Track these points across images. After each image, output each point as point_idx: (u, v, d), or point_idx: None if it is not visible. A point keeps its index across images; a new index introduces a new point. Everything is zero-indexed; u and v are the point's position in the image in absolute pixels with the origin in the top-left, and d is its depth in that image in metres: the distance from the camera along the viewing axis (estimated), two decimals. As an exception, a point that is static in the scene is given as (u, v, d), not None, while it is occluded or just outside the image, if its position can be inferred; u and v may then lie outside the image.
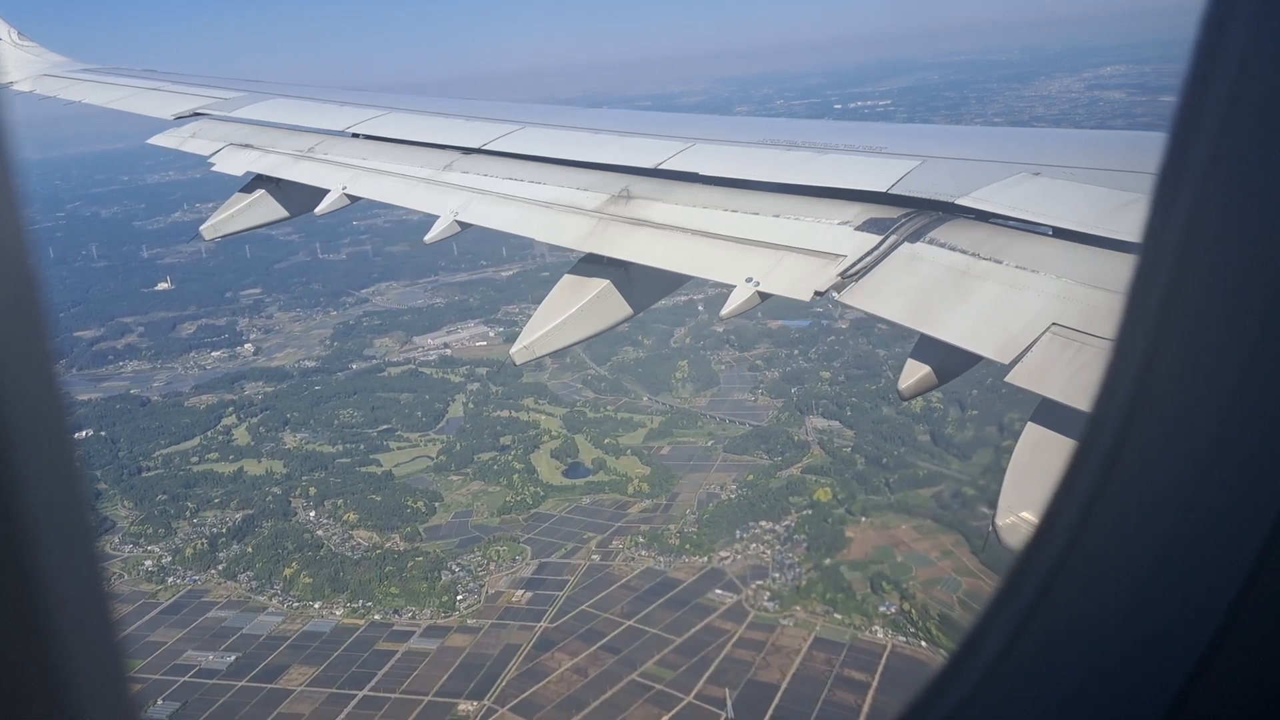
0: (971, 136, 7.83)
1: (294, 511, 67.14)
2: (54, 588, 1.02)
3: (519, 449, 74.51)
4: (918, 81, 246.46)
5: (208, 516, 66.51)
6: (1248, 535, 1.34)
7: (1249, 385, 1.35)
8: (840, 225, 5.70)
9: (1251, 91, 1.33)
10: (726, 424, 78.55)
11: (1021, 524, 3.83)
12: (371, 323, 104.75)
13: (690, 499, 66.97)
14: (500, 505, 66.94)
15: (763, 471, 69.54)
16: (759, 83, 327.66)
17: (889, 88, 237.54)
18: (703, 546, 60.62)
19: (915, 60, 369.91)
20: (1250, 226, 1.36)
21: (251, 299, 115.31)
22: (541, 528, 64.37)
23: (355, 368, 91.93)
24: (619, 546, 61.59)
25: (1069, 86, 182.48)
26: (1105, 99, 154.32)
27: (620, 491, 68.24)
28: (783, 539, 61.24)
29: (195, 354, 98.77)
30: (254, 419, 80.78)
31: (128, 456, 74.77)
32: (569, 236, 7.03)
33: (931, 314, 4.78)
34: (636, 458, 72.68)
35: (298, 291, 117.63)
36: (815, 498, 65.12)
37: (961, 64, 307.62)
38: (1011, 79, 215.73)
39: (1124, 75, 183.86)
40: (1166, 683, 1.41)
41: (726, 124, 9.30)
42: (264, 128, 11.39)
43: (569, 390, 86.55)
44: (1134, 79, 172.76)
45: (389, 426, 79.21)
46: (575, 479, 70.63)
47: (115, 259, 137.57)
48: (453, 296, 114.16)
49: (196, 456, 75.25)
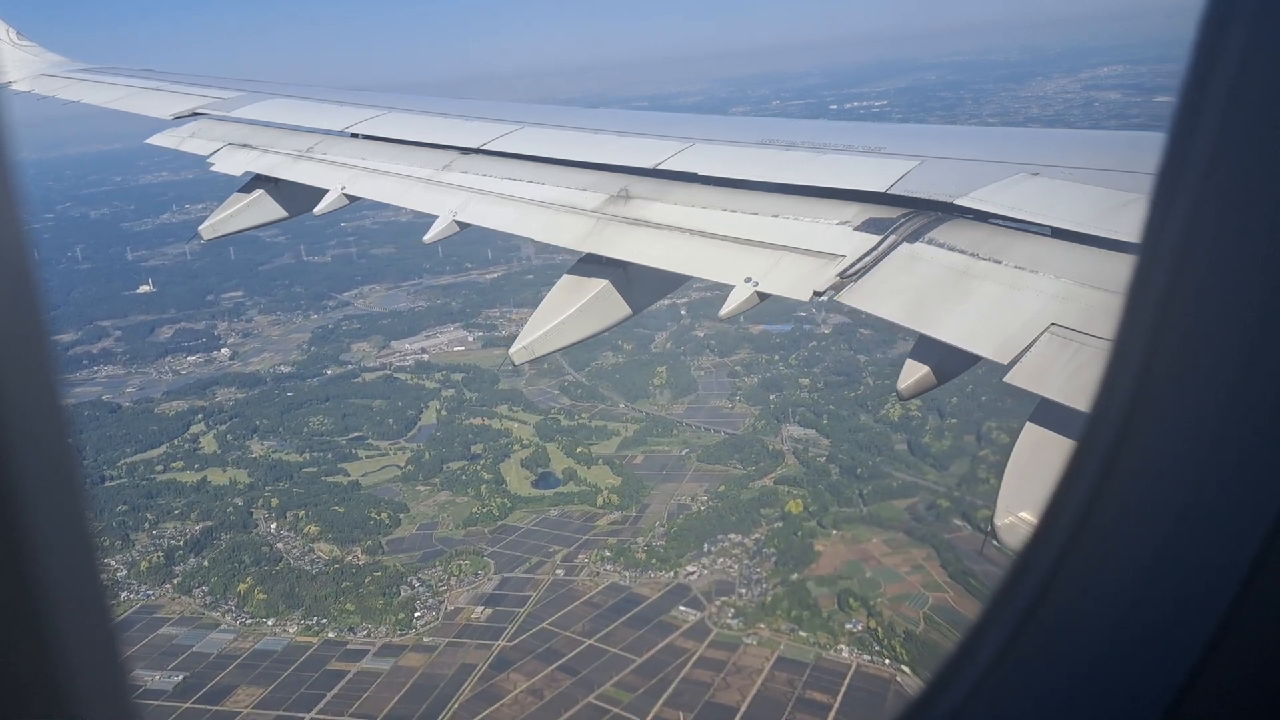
0: (970, 137, 7.68)
1: (255, 523, 65.25)
2: (54, 589, 1.02)
3: (489, 458, 72.64)
4: (915, 82, 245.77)
5: (167, 528, 64.64)
6: (1247, 534, 1.34)
7: (1248, 384, 1.35)
8: (839, 225, 5.64)
9: (1251, 91, 1.33)
10: (702, 432, 76.71)
11: (1020, 524, 3.78)
12: (350, 327, 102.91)
13: (661, 510, 65.13)
14: (466, 517, 65.07)
15: (736, 482, 67.72)
16: (757, 83, 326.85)
17: (886, 88, 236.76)
18: (669, 561, 58.75)
19: (914, 60, 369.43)
20: (1250, 226, 1.36)
21: (233, 302, 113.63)
22: (507, 540, 62.51)
23: (330, 373, 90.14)
24: (584, 561, 59.72)
25: (1065, 87, 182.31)
26: (1100, 100, 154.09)
27: (589, 503, 66.37)
28: (751, 553, 59.40)
29: (171, 358, 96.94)
30: (222, 426, 78.93)
31: (92, 465, 72.92)
32: (568, 237, 6.95)
33: (930, 314, 4.71)
34: (608, 467, 70.84)
35: (279, 294, 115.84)
36: (786, 509, 63.27)
37: (960, 64, 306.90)
38: (1008, 79, 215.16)
39: (1121, 76, 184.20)
40: (1166, 682, 1.42)
41: (725, 124, 9.13)
42: (263, 127, 11.28)
43: (545, 397, 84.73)
44: (1130, 79, 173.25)
45: (359, 434, 77.42)
46: (545, 489, 68.76)
47: (100, 261, 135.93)
48: (435, 300, 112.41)
49: (161, 465, 73.44)
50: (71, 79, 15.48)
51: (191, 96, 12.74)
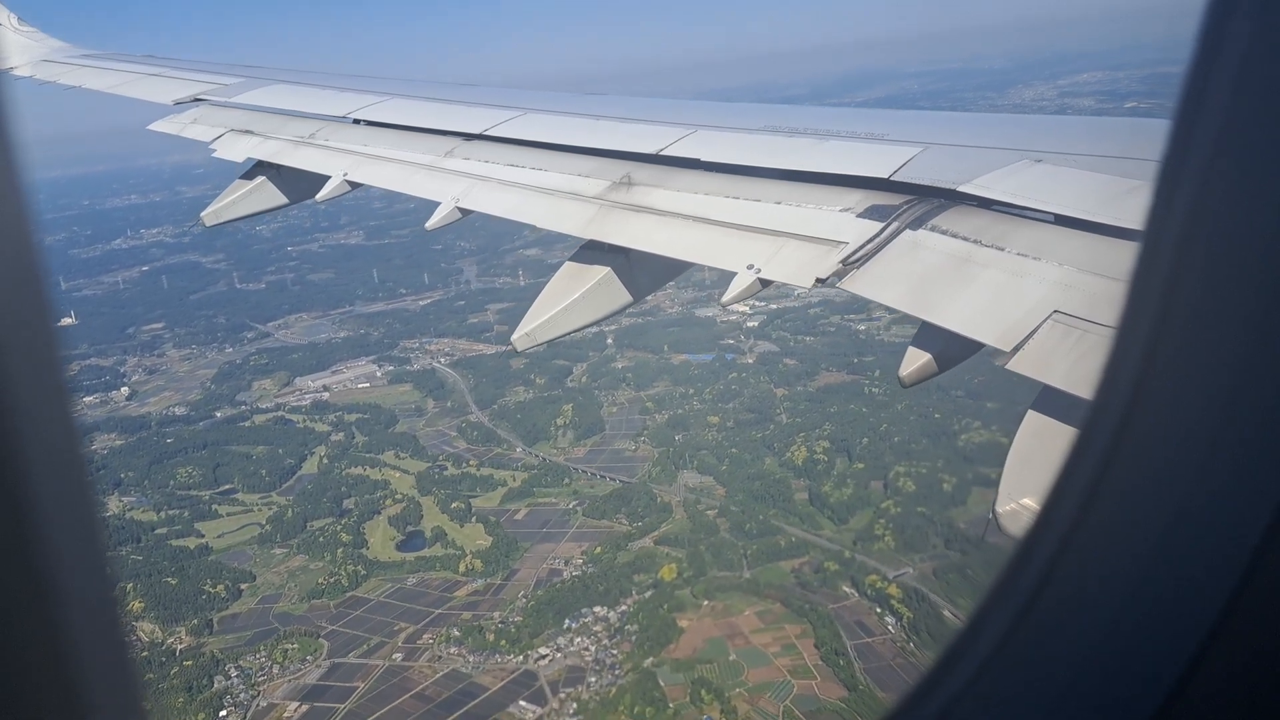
0: (972, 123, 7.12)
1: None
2: (62, 589, 1.00)
3: (357, 514, 65.20)
4: (898, 91, 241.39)
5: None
6: (1248, 524, 1.33)
7: (1252, 373, 1.34)
8: (842, 212, 5.51)
9: (1255, 79, 1.31)
10: (596, 480, 69.20)
11: (1022, 511, 3.69)
12: (259, 362, 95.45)
13: (529, 576, 57.63)
14: (313, 587, 57.59)
15: (617, 541, 60.22)
16: (739, 94, 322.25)
17: (866, 98, 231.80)
18: (521, 642, 51.10)
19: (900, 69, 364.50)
20: (1254, 213, 1.34)
21: (151, 334, 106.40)
22: (351, 616, 54.92)
23: (220, 415, 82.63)
24: (428, 642, 52.15)
25: (1043, 94, 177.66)
26: (1073, 106, 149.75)
27: (452, 569, 58.85)
28: (613, 630, 51.78)
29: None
30: (86, 480, 71.60)
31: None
32: (570, 223, 6.79)
33: (933, 301, 4.59)
34: (483, 525, 63.35)
35: (200, 325, 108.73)
36: (660, 576, 55.70)
37: (945, 72, 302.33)
38: (989, 87, 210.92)
39: (1099, 82, 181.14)
40: (1162, 676, 1.40)
41: (728, 110, 8.63)
42: (265, 113, 10.95)
43: (440, 440, 77.26)
44: (1107, 85, 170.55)
45: (229, 487, 69.91)
46: (408, 552, 61.16)
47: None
48: (359, 329, 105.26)
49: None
50: (73, 64, 14.98)
51: (193, 82, 12.39)
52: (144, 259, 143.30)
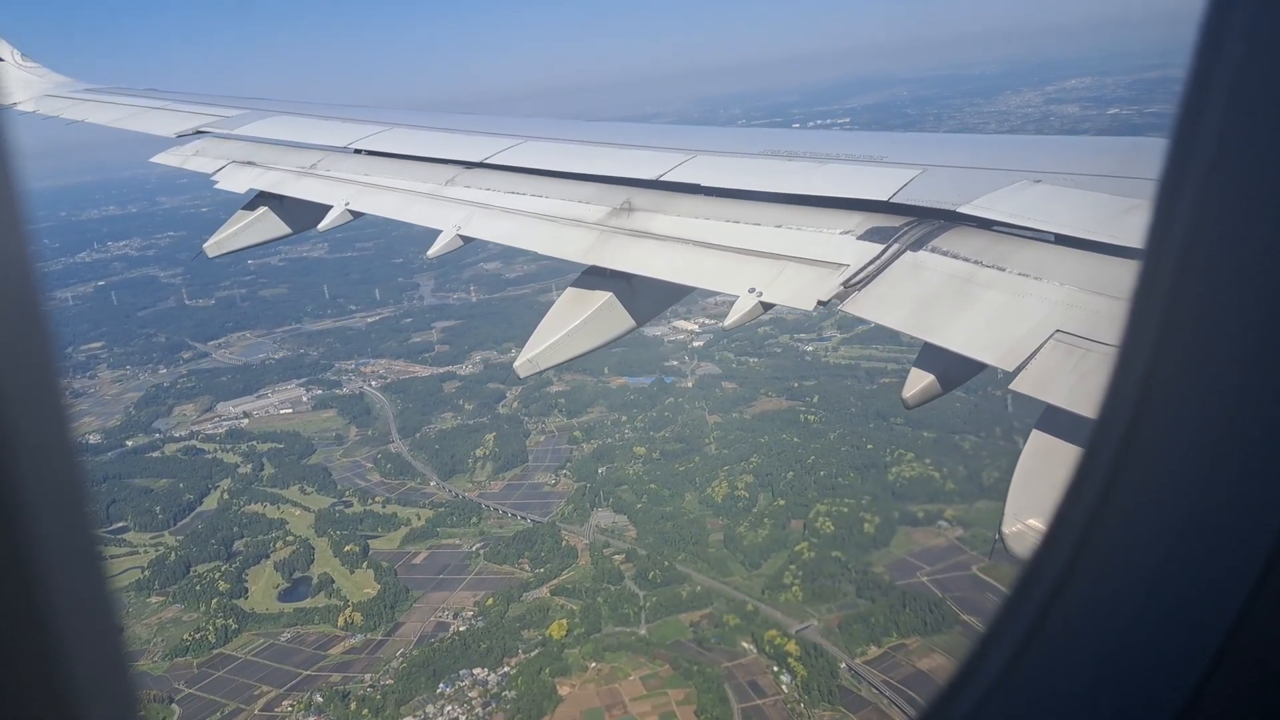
0: (971, 144, 7.38)
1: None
2: (55, 590, 1.00)
3: (243, 558, 59.97)
4: (887, 98, 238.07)
5: None
6: (1255, 540, 1.31)
7: (1254, 388, 1.32)
8: (842, 235, 5.38)
9: (1253, 93, 1.29)
10: (505, 519, 63.90)
11: (1028, 531, 3.60)
12: (186, 385, 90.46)
13: (413, 631, 52.32)
14: (180, 643, 52.34)
15: (514, 589, 54.91)
16: (732, 102, 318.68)
17: (854, 105, 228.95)
18: (385, 712, 45.82)
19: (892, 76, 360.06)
20: (1254, 229, 1.32)
21: (88, 355, 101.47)
22: (213, 678, 49.60)
23: (130, 444, 77.64)
24: (286, 710, 46.89)
25: (1029, 101, 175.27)
26: (1058, 114, 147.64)
27: (331, 622, 53.55)
28: (488, 696, 46.41)
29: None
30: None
31: None
32: (571, 249, 6.61)
33: (935, 322, 4.47)
34: (373, 571, 58.05)
35: (139, 344, 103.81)
36: (548, 633, 50.31)
37: (936, 79, 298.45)
38: (977, 94, 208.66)
39: (1086, 89, 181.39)
40: (1176, 687, 1.38)
41: (727, 135, 8.86)
42: (266, 145, 10.76)
43: (353, 472, 72.05)
44: (1094, 92, 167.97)
45: (122, 525, 64.83)
46: (288, 603, 55.90)
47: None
48: (299, 349, 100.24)
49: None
50: (76, 99, 14.69)
51: (195, 115, 12.14)
52: (104, 273, 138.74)
